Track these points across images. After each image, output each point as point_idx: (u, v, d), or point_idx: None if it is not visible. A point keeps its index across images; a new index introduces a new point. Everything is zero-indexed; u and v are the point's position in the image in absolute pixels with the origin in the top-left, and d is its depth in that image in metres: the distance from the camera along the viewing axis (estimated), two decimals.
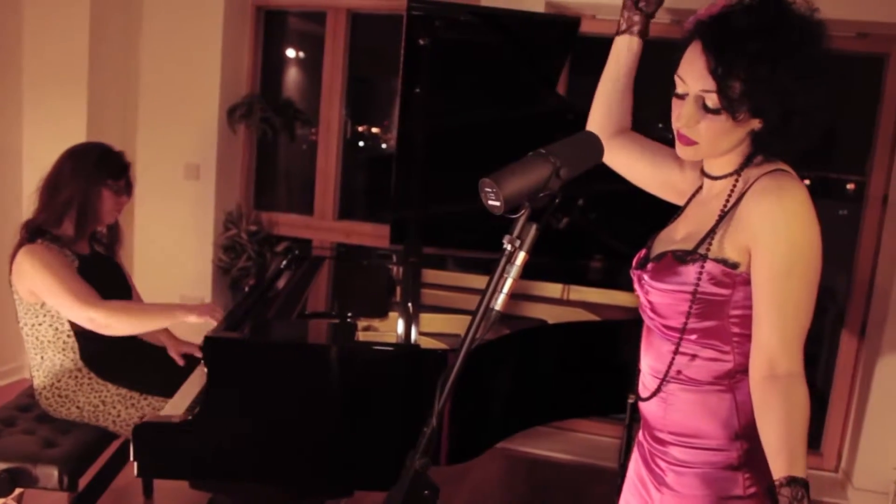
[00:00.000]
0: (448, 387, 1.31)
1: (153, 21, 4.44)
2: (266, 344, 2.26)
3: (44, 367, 2.65)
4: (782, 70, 1.31)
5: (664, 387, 1.51)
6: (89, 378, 2.65)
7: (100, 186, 2.69)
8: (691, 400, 1.48)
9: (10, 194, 4.30)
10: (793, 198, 1.36)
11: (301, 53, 4.98)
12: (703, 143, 1.41)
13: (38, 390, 2.67)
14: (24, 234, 2.63)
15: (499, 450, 4.09)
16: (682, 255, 1.44)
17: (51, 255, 2.56)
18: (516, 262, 1.31)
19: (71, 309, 2.54)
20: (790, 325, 1.35)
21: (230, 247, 4.51)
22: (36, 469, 2.40)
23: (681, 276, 1.43)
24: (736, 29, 1.33)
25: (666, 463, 1.52)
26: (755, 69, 1.31)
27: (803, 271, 1.35)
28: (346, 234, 4.59)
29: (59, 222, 2.65)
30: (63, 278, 2.53)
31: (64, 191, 2.64)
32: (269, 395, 2.13)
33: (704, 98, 1.37)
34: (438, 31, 2.26)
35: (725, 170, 1.48)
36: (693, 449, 1.48)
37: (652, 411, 1.55)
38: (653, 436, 1.57)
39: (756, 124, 1.39)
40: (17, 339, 4.36)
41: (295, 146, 4.85)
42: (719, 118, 1.37)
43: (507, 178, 1.26)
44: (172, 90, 4.46)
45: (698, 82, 1.37)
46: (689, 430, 1.48)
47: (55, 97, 4.20)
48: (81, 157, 2.71)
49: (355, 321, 2.58)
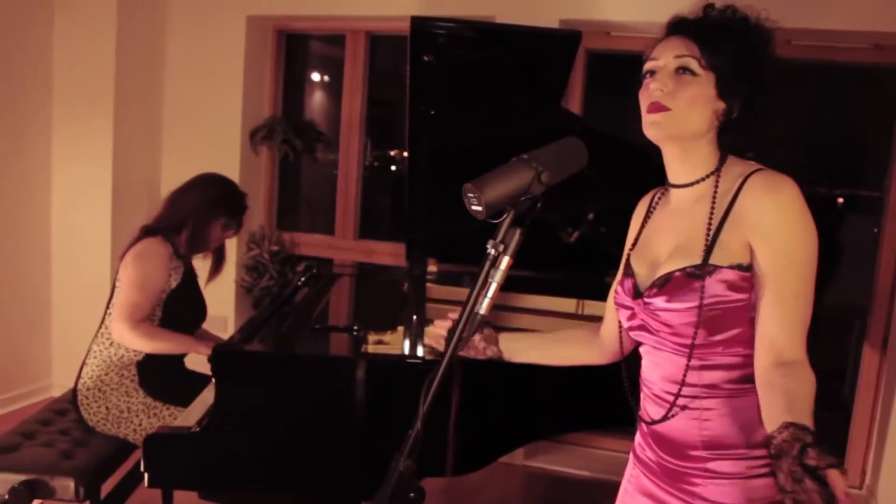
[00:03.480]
0: (432, 391, 1.32)
1: (177, 45, 4.55)
2: (271, 355, 2.30)
3: (103, 356, 2.77)
4: (756, 58, 1.41)
5: (692, 403, 1.48)
6: (131, 380, 2.75)
7: (215, 221, 2.91)
8: (725, 410, 1.45)
9: (40, 211, 4.42)
10: (788, 193, 1.38)
11: (322, 76, 5.06)
12: (676, 110, 1.42)
13: (83, 380, 2.77)
14: (141, 233, 2.85)
15: (516, 466, 4.10)
16: (695, 271, 1.41)
17: (162, 257, 2.78)
18: (500, 267, 1.32)
19: (118, 316, 2.69)
20: (792, 316, 1.36)
21: (253, 267, 4.58)
22: (53, 481, 2.45)
23: (697, 292, 1.40)
24: (715, 20, 1.44)
25: (703, 478, 1.48)
26: (734, 51, 1.40)
27: (802, 263, 1.37)
28: (366, 253, 4.64)
29: (177, 232, 2.87)
30: (140, 286, 2.72)
31: (183, 211, 2.87)
32: (275, 406, 2.16)
33: (681, 63, 1.43)
34: (443, 48, 2.30)
35: (698, 174, 1.49)
36: (733, 460, 1.44)
37: (680, 429, 1.50)
38: (679, 454, 1.51)
39: (720, 106, 1.43)
40: (46, 358, 4.52)
41: (316, 167, 4.92)
42: (696, 81, 1.42)
43: (488, 184, 1.29)
44: (196, 112, 4.56)
45: (675, 51, 1.44)
46: (727, 440, 1.45)
47: (83, 118, 4.34)
48: (209, 187, 2.94)
49: (365, 334, 2.60)
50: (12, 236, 4.30)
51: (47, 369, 4.55)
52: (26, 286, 4.42)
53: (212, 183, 2.98)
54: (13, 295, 4.35)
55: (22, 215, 4.34)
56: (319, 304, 3.10)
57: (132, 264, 2.75)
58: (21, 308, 4.40)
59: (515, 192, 1.30)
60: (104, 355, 2.77)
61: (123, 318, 2.68)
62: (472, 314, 1.32)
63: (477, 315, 1.32)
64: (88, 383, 2.75)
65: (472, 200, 1.30)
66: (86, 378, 2.77)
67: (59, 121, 4.41)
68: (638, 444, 1.67)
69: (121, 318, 2.68)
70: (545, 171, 1.31)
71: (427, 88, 2.43)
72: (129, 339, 2.68)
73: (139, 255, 2.76)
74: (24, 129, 4.28)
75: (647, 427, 1.59)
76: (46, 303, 4.54)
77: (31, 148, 4.33)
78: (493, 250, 1.32)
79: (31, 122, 4.31)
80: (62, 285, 4.54)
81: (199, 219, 2.87)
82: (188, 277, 2.90)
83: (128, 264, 2.76)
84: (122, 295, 2.72)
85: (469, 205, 1.31)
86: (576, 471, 4.05)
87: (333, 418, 2.16)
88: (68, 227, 4.47)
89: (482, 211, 1.29)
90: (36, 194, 4.40)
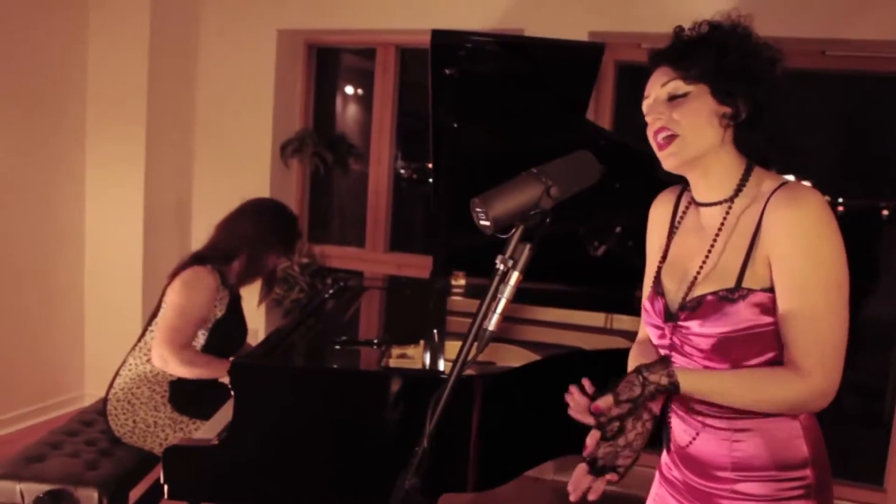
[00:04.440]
0: (440, 409, 1.31)
1: (209, 60, 4.61)
2: (288, 368, 2.30)
3: (137, 370, 2.79)
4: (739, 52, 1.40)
5: (721, 423, 1.46)
6: (161, 396, 2.76)
7: (271, 252, 2.92)
8: (758, 431, 1.43)
9: (74, 227, 4.49)
10: (808, 206, 1.33)
11: (352, 89, 5.08)
12: (683, 132, 1.41)
13: (114, 390, 2.79)
14: (192, 259, 2.83)
15: (545, 481, 4.05)
16: (727, 294, 1.38)
17: (208, 287, 2.76)
18: (510, 283, 1.30)
19: (161, 341, 2.69)
20: (812, 336, 1.31)
21: (283, 279, 4.59)
22: (77, 491, 2.47)
23: (731, 317, 1.37)
24: (685, 37, 1.46)
25: (730, 500, 1.46)
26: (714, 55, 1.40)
27: (822, 279, 1.31)
28: (396, 266, 4.63)
29: (230, 261, 2.85)
30: (184, 315, 2.71)
31: (238, 240, 2.85)
32: (292, 419, 2.15)
33: (668, 89, 1.43)
34: (464, 61, 2.29)
35: (724, 190, 1.46)
36: (763, 482, 1.42)
37: (710, 450, 1.48)
38: (706, 475, 1.49)
39: (726, 111, 1.41)
40: (79, 369, 4.59)
41: (347, 180, 4.94)
42: (689, 97, 1.41)
43: (495, 199, 1.27)
44: (227, 126, 4.61)
45: (659, 82, 1.45)
46: (758, 462, 1.43)
47: (115, 135, 4.42)
48: (264, 216, 2.92)
49: (389, 348, 2.59)
50: (47, 252, 4.37)
51: (80, 381, 4.62)
52: (61, 301, 4.50)
53: (267, 212, 2.95)
54: (48, 309, 4.42)
55: (56, 231, 4.42)
56: (345, 317, 3.10)
57: (179, 291, 2.75)
58: (56, 321, 4.48)
59: (524, 206, 1.28)
60: (139, 370, 2.79)
61: (166, 344, 2.69)
62: (481, 330, 1.30)
63: (486, 331, 1.30)
64: (119, 394, 2.77)
65: (479, 215, 1.28)
66: (117, 389, 2.79)
67: (93, 138, 4.49)
68: (664, 464, 1.64)
69: (163, 344, 2.69)
70: (555, 186, 1.29)
71: (449, 101, 2.42)
72: (172, 367, 2.69)
73: (186, 284, 2.75)
74: (59, 146, 4.36)
75: (676, 447, 1.56)
76: (80, 316, 4.61)
77: (65, 165, 4.41)
78: (502, 265, 1.29)
79: (66, 138, 4.39)
80: (95, 300, 4.61)
81: (254, 250, 2.87)
82: (233, 305, 2.90)
83: (175, 290, 2.76)
84: (166, 320, 2.73)
85: (477, 219, 1.29)
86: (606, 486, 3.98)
87: (351, 432, 2.14)
88: (101, 242, 4.54)
89: (490, 226, 1.27)
90: (70, 211, 4.48)
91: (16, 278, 4.21)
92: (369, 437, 2.14)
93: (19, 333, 4.26)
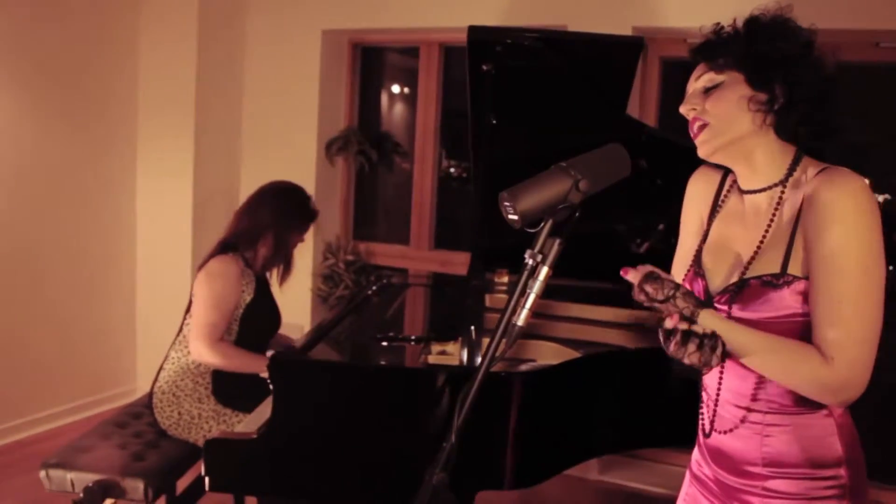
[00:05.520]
0: (468, 404, 1.30)
1: (255, 60, 4.68)
2: (326, 364, 2.32)
3: (180, 362, 2.85)
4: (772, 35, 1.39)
5: (756, 417, 1.44)
6: (204, 388, 2.81)
7: (294, 232, 2.98)
8: (791, 427, 1.41)
9: (127, 223, 4.60)
10: (845, 188, 1.31)
11: (397, 87, 5.11)
12: (714, 120, 1.41)
13: (159, 383, 2.85)
14: (218, 248, 2.88)
15: (590, 481, 4.02)
16: (772, 280, 1.37)
17: (233, 274, 2.81)
18: (539, 277, 1.29)
19: (196, 336, 2.75)
20: (836, 323, 1.28)
21: (329, 276, 4.64)
22: (124, 481, 2.53)
23: (774, 302, 1.36)
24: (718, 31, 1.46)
25: (760, 497, 1.44)
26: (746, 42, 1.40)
27: (853, 265, 1.28)
28: (441, 263, 4.64)
29: (253, 245, 2.90)
30: (215, 306, 2.77)
31: (262, 224, 2.90)
32: (330, 414, 2.17)
33: (703, 82, 1.44)
34: (501, 57, 2.28)
35: (769, 177, 1.44)
36: (794, 480, 1.40)
37: (740, 445, 1.47)
38: (737, 470, 1.47)
39: (761, 97, 1.39)
40: (132, 363, 4.69)
41: (392, 178, 4.97)
42: (723, 87, 1.41)
43: (523, 193, 1.27)
44: (273, 125, 4.67)
45: (695, 76, 1.47)
46: (790, 459, 1.41)
47: (165, 134, 4.53)
48: (287, 198, 2.99)
49: (428, 344, 2.60)
50: (100, 247, 4.50)
51: (132, 374, 4.72)
52: (113, 295, 4.62)
53: (283, 193, 3.01)
54: (102, 303, 4.55)
55: (110, 229, 4.54)
56: (386, 314, 3.12)
57: (206, 284, 2.80)
58: (109, 316, 4.60)
59: (552, 200, 1.27)
60: (182, 362, 2.85)
61: (201, 338, 2.74)
62: (510, 325, 1.29)
63: (515, 326, 1.29)
64: (164, 387, 2.83)
65: (507, 209, 1.28)
66: (162, 382, 2.85)
67: (144, 136, 4.60)
68: (695, 461, 1.63)
69: (199, 338, 2.75)
70: (584, 179, 1.27)
71: (487, 98, 2.41)
72: (208, 359, 2.75)
73: (211, 275, 2.81)
74: (111, 146, 4.48)
75: (706, 441, 1.54)
76: (132, 312, 4.73)
77: (117, 164, 4.53)
78: (531, 260, 1.29)
79: (118, 139, 4.51)
80: (146, 294, 4.72)
81: (279, 231, 2.91)
82: (261, 288, 2.95)
83: (202, 282, 2.81)
84: (198, 314, 2.78)
85: (505, 214, 1.29)
86: (652, 487, 3.95)
87: (388, 428, 2.15)
88: (152, 238, 4.65)
89: (518, 220, 1.27)
90: (122, 209, 4.60)
91: (71, 275, 4.34)
92: (406, 432, 2.15)
93: (75, 329, 4.39)
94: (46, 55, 4.04)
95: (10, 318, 4.03)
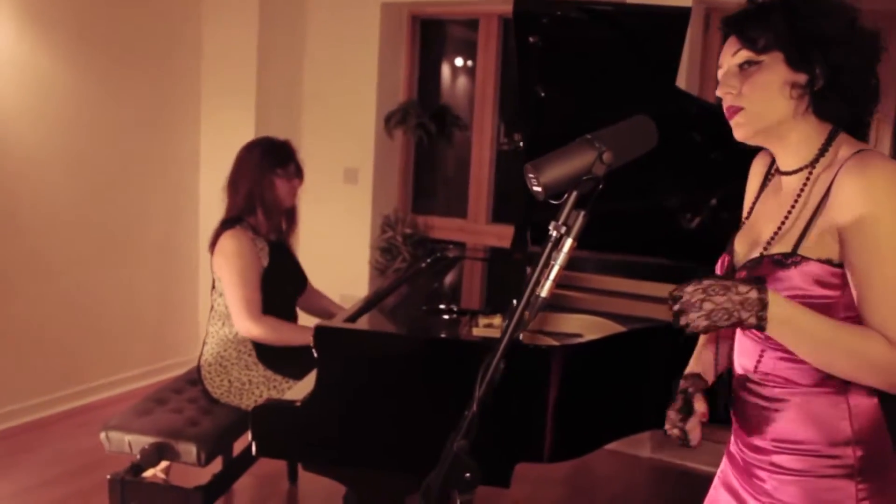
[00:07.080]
0: (490, 373, 1.31)
1: (315, 34, 4.73)
2: (369, 334, 2.35)
3: (219, 335, 2.92)
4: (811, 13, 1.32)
5: (764, 391, 1.43)
6: (249, 355, 2.88)
7: (270, 175, 2.93)
8: (797, 404, 1.39)
9: (190, 197, 4.73)
10: (879, 172, 1.27)
11: (457, 60, 5.09)
12: (749, 105, 1.36)
13: (204, 357, 2.93)
14: (222, 226, 2.92)
15: (642, 458, 4.00)
16: (782, 259, 1.34)
17: (246, 246, 2.85)
18: (563, 249, 1.28)
19: (238, 315, 2.81)
20: (891, 309, 1.25)
21: (386, 249, 4.68)
22: (178, 445, 2.63)
23: (783, 282, 1.33)
24: (754, 3, 1.38)
25: (767, 472, 1.43)
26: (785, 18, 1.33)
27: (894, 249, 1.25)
28: (498, 237, 4.63)
29: (252, 212, 2.92)
30: (242, 283, 2.81)
31: (241, 186, 2.92)
32: (373, 383, 2.20)
33: (740, 58, 1.37)
34: (547, 29, 2.26)
35: (803, 157, 1.40)
36: (799, 455, 1.39)
37: (750, 417, 1.47)
38: (749, 444, 1.48)
39: (801, 79, 1.33)
40: (195, 332, 4.84)
41: (451, 151, 4.97)
42: (761, 67, 1.35)
43: (546, 164, 1.26)
44: (333, 99, 4.71)
45: (730, 51, 1.39)
46: (795, 436, 1.39)
47: (228, 108, 4.62)
48: (249, 152, 2.97)
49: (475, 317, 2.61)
50: (165, 219, 4.64)
51: (196, 342, 4.85)
52: (177, 265, 4.76)
53: (248, 148, 2.99)
54: (166, 272, 4.71)
55: (174, 204, 4.68)
56: (439, 286, 3.14)
57: (225, 266, 2.84)
58: (173, 285, 4.76)
59: (575, 172, 1.26)
60: (220, 334, 2.91)
61: (244, 317, 2.79)
62: (534, 296, 1.29)
63: (538, 298, 1.29)
64: (210, 359, 2.90)
65: (531, 181, 1.27)
66: (207, 355, 2.92)
67: (207, 108, 4.71)
68: (732, 440, 1.62)
69: (241, 317, 2.80)
70: (608, 151, 1.26)
71: (534, 70, 2.40)
72: (257, 334, 2.81)
73: (226, 256, 2.84)
74: (175, 119, 4.61)
75: (734, 416, 1.54)
76: (195, 280, 4.88)
77: (180, 136, 4.66)
78: (555, 232, 1.28)
79: (182, 112, 4.63)
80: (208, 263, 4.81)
81: (259, 183, 2.89)
82: (276, 251, 2.96)
83: (221, 266, 2.86)
84: (231, 296, 2.82)
85: (530, 185, 1.28)
86: (705, 467, 3.90)
87: (430, 398, 2.17)
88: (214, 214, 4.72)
89: (541, 192, 1.26)
90: (186, 181, 4.73)
91: (137, 245, 4.49)
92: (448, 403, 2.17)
93: (140, 299, 4.56)
94: (112, 34, 4.17)
95: (78, 286, 4.19)
